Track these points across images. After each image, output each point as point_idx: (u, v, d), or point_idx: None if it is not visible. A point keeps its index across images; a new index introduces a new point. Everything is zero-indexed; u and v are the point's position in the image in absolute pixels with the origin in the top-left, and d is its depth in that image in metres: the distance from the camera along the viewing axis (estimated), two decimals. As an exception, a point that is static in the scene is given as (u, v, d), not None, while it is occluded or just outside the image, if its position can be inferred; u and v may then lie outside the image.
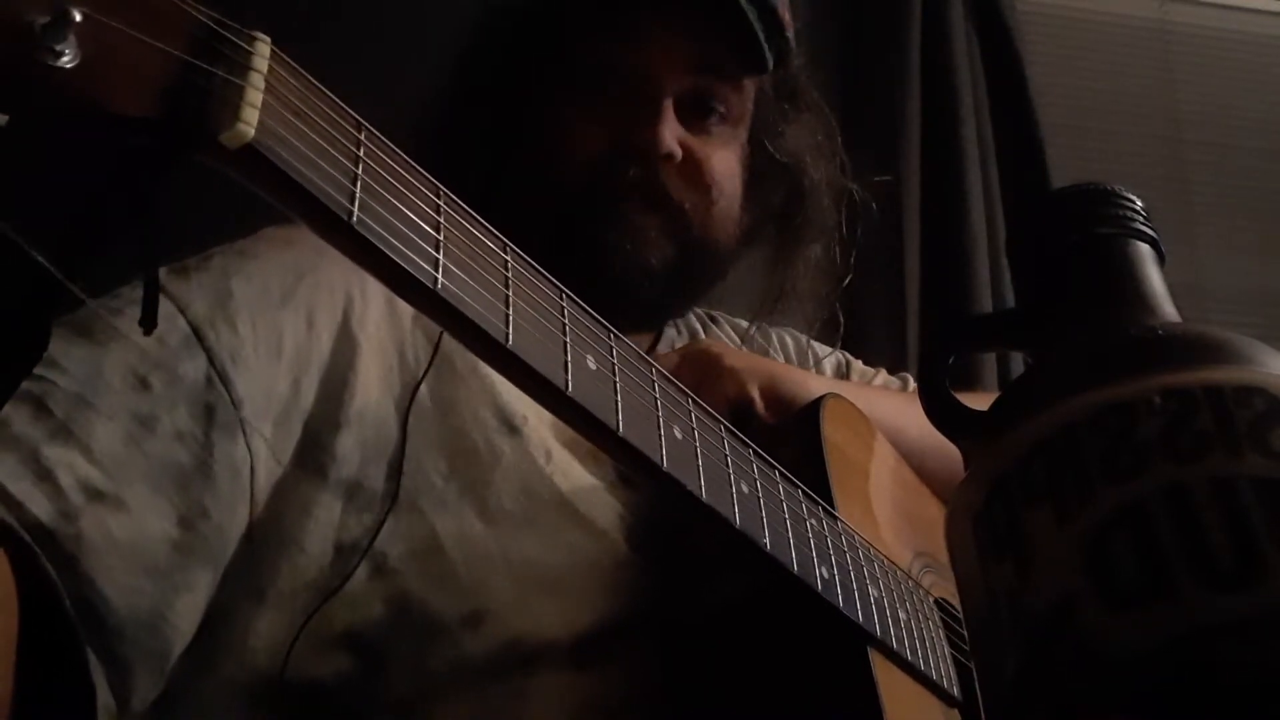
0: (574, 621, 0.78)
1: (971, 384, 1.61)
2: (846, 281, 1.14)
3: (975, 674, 0.42)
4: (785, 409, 0.90)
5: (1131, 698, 0.35)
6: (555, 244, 0.86)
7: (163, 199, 0.42)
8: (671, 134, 0.94)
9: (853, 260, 1.13)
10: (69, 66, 0.37)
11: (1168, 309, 0.45)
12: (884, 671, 0.71)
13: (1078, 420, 0.39)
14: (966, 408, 0.49)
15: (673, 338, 1.09)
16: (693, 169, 0.97)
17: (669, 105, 0.95)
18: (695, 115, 0.98)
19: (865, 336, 1.67)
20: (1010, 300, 0.92)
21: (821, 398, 0.87)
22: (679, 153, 0.95)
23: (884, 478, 0.92)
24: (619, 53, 0.96)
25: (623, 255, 0.94)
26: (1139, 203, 0.49)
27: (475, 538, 0.79)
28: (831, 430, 0.83)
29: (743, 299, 1.15)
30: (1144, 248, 0.47)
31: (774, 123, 1.07)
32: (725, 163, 1.00)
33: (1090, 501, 0.37)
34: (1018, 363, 1.65)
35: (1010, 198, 1.81)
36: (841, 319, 1.18)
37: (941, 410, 0.50)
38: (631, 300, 0.95)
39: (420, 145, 0.56)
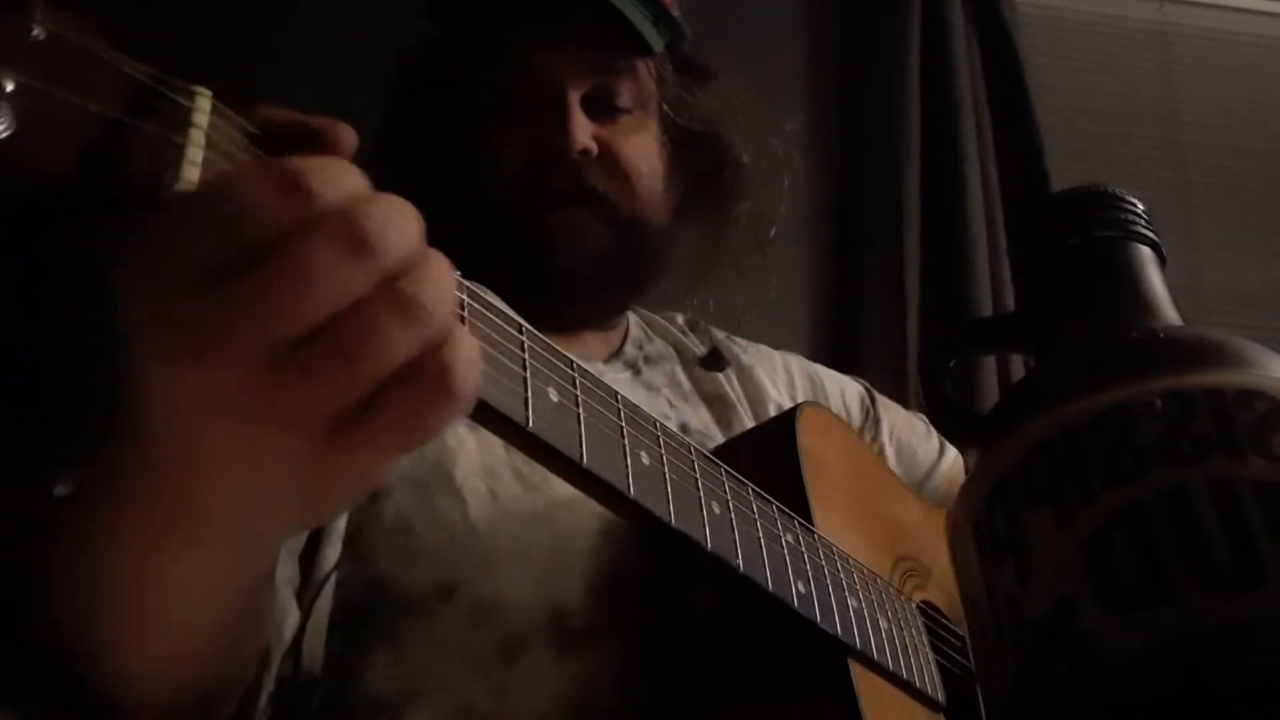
0: (547, 592, 0.78)
1: (971, 386, 1.61)
2: (773, 233, 1.18)
3: (977, 676, 0.42)
4: None
5: (1131, 700, 0.35)
6: (501, 258, 0.93)
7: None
8: (583, 131, 0.99)
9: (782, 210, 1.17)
10: (3, 135, 0.37)
11: (1169, 311, 0.45)
12: (865, 681, 0.71)
13: (1078, 423, 0.39)
14: (968, 411, 0.49)
15: (639, 338, 1.11)
16: (610, 160, 1.01)
17: (575, 106, 1.00)
18: (602, 110, 1.03)
19: (865, 337, 1.67)
20: (1011, 302, 0.91)
21: (796, 406, 0.87)
22: (594, 147, 0.99)
23: (863, 484, 0.91)
24: (521, 70, 1.01)
25: (564, 251, 0.98)
26: (1139, 205, 0.49)
27: (440, 511, 0.81)
28: (807, 438, 0.82)
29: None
30: (1144, 250, 0.47)
31: (681, 97, 1.11)
32: (639, 147, 1.05)
33: (1090, 504, 0.37)
34: (1018, 365, 1.65)
35: (1010, 200, 1.81)
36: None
37: (943, 413, 0.50)
38: (583, 293, 1.00)
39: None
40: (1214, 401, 0.38)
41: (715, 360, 1.10)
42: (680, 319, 1.18)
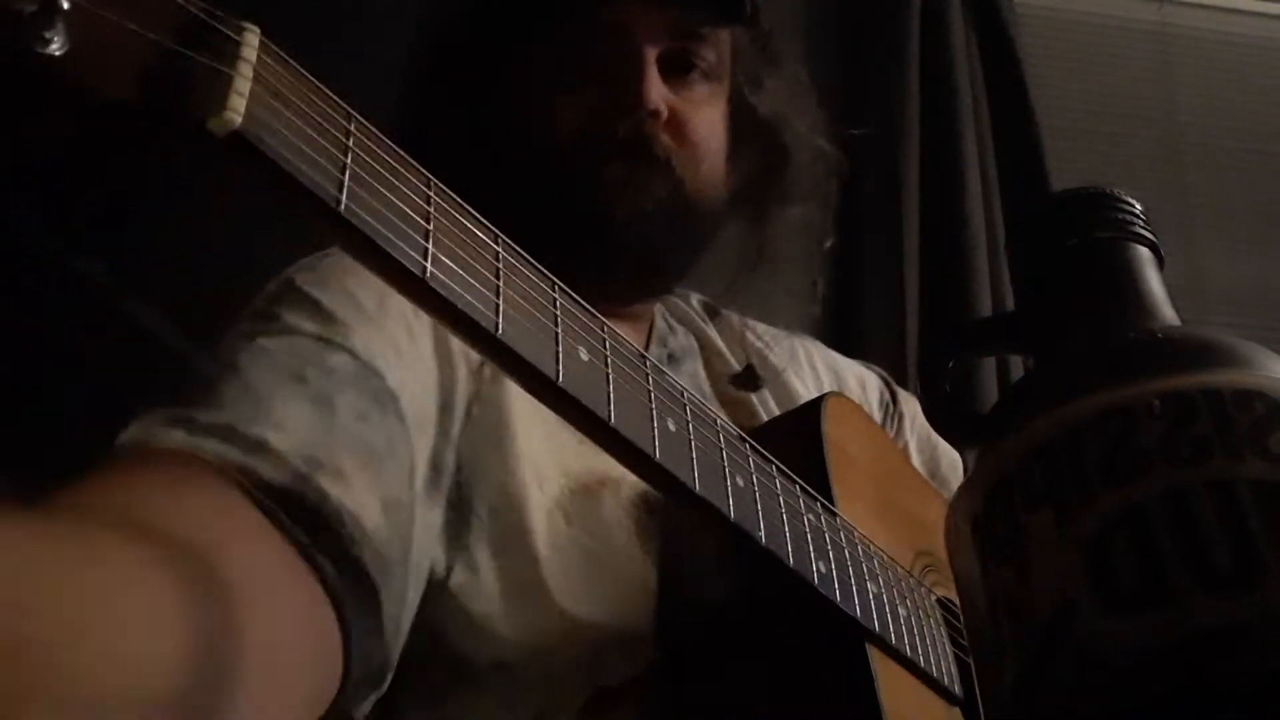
0: (595, 671, 0.77)
1: (971, 386, 1.61)
2: (829, 244, 1.13)
3: (975, 679, 0.42)
4: None
5: (1131, 702, 0.35)
6: (554, 211, 0.90)
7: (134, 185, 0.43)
8: (657, 91, 0.94)
9: (831, 222, 1.13)
10: (57, 54, 0.38)
11: (1167, 312, 0.45)
12: (882, 666, 0.71)
13: (1077, 424, 0.39)
14: (968, 411, 0.49)
15: (664, 331, 1.07)
16: (678, 127, 0.96)
17: (651, 65, 0.94)
18: (677, 73, 0.97)
19: (864, 337, 1.67)
20: (1010, 302, 0.91)
21: (823, 396, 0.86)
22: (665, 109, 0.94)
23: (886, 477, 0.91)
24: (599, 15, 0.95)
25: (620, 206, 0.93)
26: (1138, 206, 0.49)
27: (516, 586, 0.79)
28: (832, 428, 0.82)
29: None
30: (1143, 251, 0.47)
31: (753, 79, 1.06)
32: (709, 121, 1.00)
33: (1090, 505, 0.37)
34: (1018, 365, 1.65)
35: (1010, 200, 1.81)
36: (820, 286, 1.16)
37: (942, 414, 0.50)
38: (633, 257, 0.95)
39: (399, 130, 0.54)
40: (1213, 402, 0.38)
41: (749, 379, 1.05)
42: (695, 300, 1.13)
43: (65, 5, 0.38)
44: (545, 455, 0.85)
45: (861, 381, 1.16)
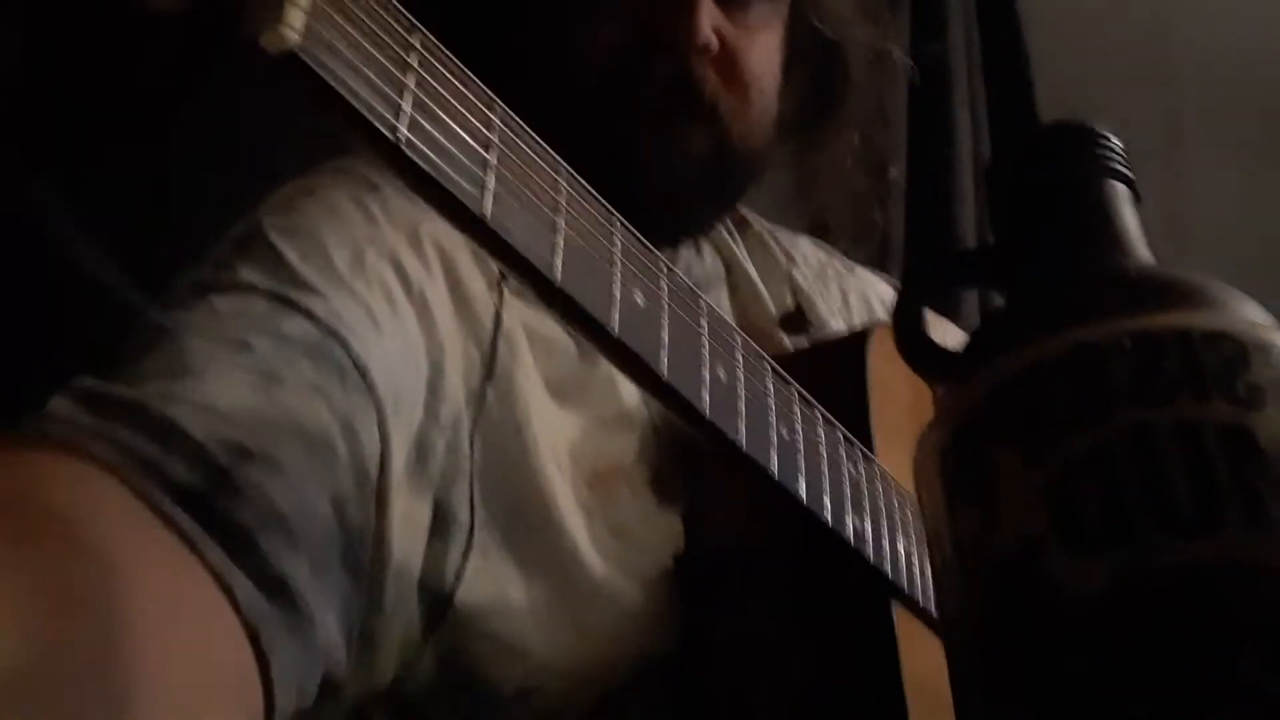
0: (608, 698, 0.72)
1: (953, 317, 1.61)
2: (892, 173, 1.03)
3: (939, 618, 0.42)
4: None
5: (1090, 641, 0.35)
6: (572, 154, 0.77)
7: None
8: (708, 22, 0.80)
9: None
10: None
11: (1141, 251, 0.45)
12: (905, 624, 0.69)
13: (1046, 362, 0.39)
14: (942, 348, 0.48)
15: (689, 257, 0.94)
16: (729, 63, 0.83)
17: None
18: None
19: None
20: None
21: (869, 329, 0.82)
22: (716, 44, 0.81)
23: (926, 415, 0.88)
24: None
25: (655, 171, 0.82)
26: (1118, 142, 0.48)
27: (542, 607, 0.72)
28: (877, 365, 0.79)
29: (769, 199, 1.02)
30: (1121, 188, 0.47)
31: None
32: (765, 51, 0.87)
33: (1056, 444, 0.37)
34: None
35: (995, 133, 1.80)
36: (881, 220, 1.04)
37: (917, 351, 0.50)
38: (662, 212, 0.82)
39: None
40: (1182, 343, 0.38)
41: (798, 323, 0.95)
42: None
43: None
44: (561, 443, 0.77)
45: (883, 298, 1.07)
